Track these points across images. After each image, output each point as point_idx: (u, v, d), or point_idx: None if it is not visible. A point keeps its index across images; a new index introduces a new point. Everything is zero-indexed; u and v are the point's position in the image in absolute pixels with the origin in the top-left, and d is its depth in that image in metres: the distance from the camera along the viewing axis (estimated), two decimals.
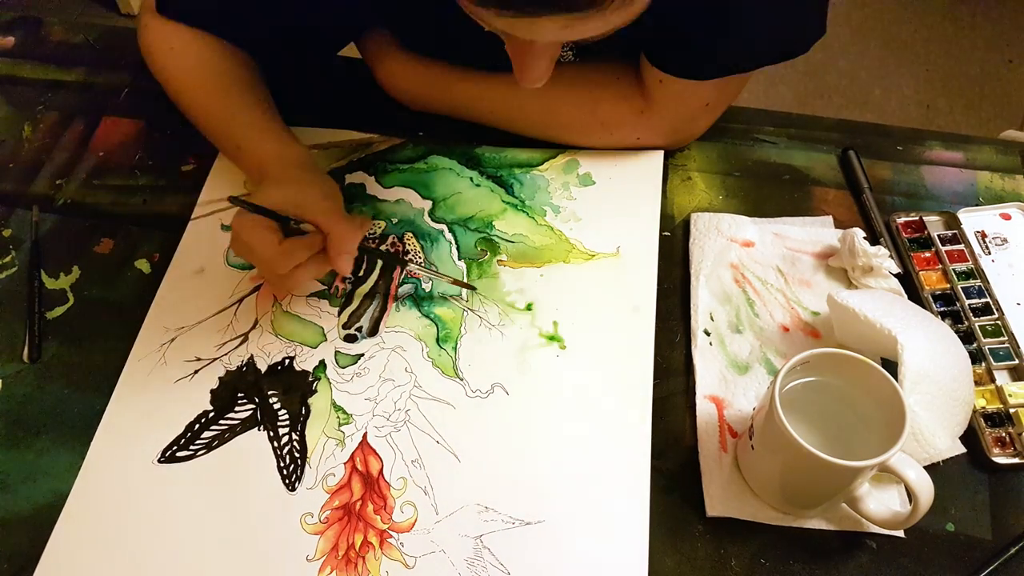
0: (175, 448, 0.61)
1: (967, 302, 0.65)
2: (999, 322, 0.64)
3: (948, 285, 0.66)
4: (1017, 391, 0.61)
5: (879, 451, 0.49)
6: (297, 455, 0.60)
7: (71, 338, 0.67)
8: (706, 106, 0.71)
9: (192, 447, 0.61)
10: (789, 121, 0.78)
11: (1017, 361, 0.63)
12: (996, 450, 0.59)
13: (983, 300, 0.65)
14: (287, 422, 0.62)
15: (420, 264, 0.69)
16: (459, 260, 0.69)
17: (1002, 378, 0.62)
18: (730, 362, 0.64)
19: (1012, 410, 0.60)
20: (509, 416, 0.62)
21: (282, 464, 0.60)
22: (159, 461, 0.60)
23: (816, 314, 0.66)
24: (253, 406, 0.63)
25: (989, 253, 0.68)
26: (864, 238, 0.65)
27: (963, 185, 0.74)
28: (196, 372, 0.64)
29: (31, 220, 0.73)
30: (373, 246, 0.70)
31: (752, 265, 0.68)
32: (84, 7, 1.92)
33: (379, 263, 0.69)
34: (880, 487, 0.58)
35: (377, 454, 0.60)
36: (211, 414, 0.62)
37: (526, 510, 0.58)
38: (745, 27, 0.64)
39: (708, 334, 0.65)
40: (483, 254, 0.70)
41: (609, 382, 0.63)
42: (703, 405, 0.62)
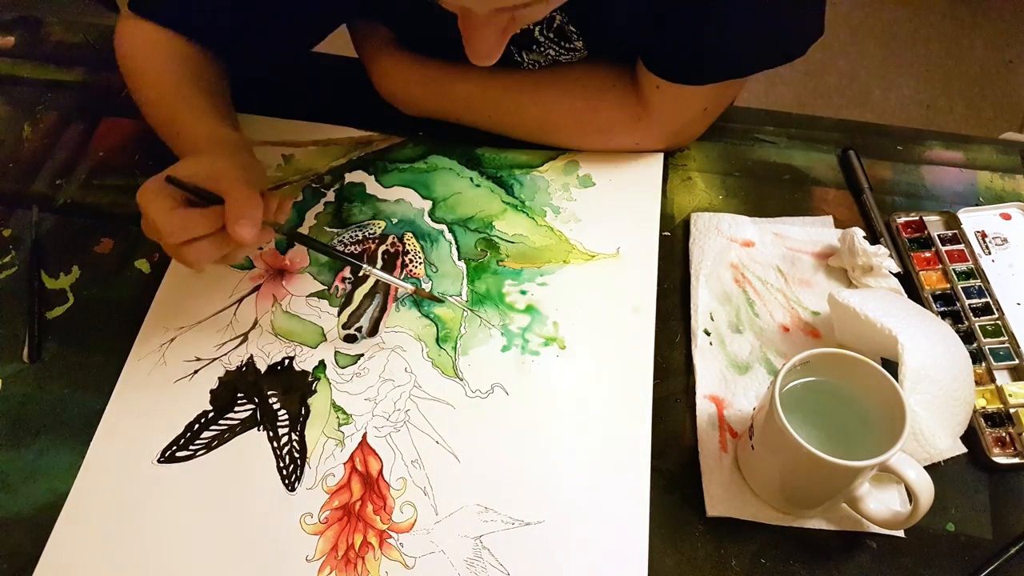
0: (175, 448, 0.61)
1: (967, 302, 0.65)
2: (999, 322, 0.64)
3: (948, 285, 0.66)
4: (1017, 391, 0.61)
5: (879, 451, 0.49)
6: (297, 455, 0.60)
7: (71, 338, 0.67)
8: (704, 110, 0.71)
9: (192, 447, 0.61)
10: (789, 121, 0.78)
11: (1017, 361, 0.63)
12: (996, 450, 0.59)
13: (983, 300, 0.65)
14: (287, 422, 0.62)
15: (414, 265, 0.68)
16: (459, 260, 0.69)
17: (1002, 378, 0.62)
18: (730, 362, 0.64)
19: (1012, 410, 0.60)
20: (509, 416, 0.62)
21: (282, 464, 0.60)
22: (159, 461, 0.60)
23: (816, 314, 0.66)
24: (253, 406, 0.63)
25: (989, 253, 0.68)
26: (864, 237, 0.65)
27: (963, 185, 0.74)
28: (196, 372, 0.64)
29: (31, 220, 0.73)
30: (373, 246, 0.70)
31: (752, 265, 0.68)
32: (84, 7, 1.92)
33: (380, 263, 0.69)
34: (880, 487, 0.58)
35: (377, 454, 0.60)
36: (211, 414, 0.62)
37: (526, 510, 0.58)
38: (742, 31, 0.64)
39: (708, 334, 0.65)
40: (483, 254, 0.70)
41: (609, 382, 0.63)
42: (703, 405, 0.62)
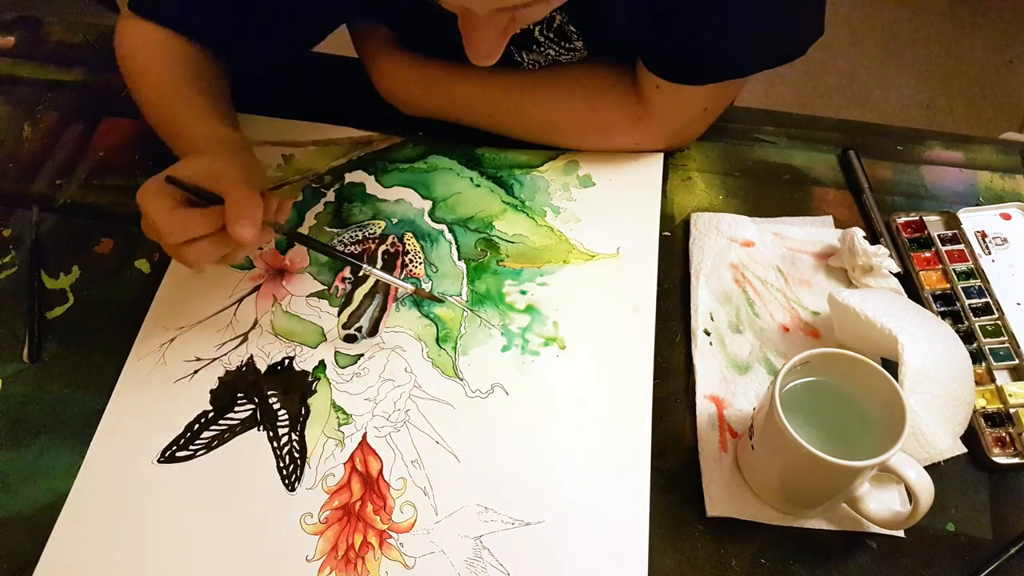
0: (175, 448, 0.61)
1: (967, 302, 0.65)
2: (999, 322, 0.64)
3: (948, 285, 0.66)
4: (1017, 391, 0.61)
5: (879, 451, 0.49)
6: (297, 455, 0.60)
7: (71, 338, 0.67)
8: (704, 110, 0.71)
9: (192, 447, 0.61)
10: (789, 121, 0.78)
11: (1017, 361, 0.63)
12: (996, 450, 0.59)
13: (983, 300, 0.65)
14: (287, 422, 0.62)
15: (414, 265, 0.68)
16: (459, 260, 0.69)
17: (1002, 378, 0.62)
18: (730, 362, 0.64)
19: (1012, 410, 0.60)
20: (509, 416, 0.62)
21: (282, 464, 0.60)
22: (159, 461, 0.60)
23: (816, 314, 0.66)
24: (253, 406, 0.63)
25: (989, 253, 0.68)
26: (864, 237, 0.65)
27: (963, 185, 0.74)
28: (196, 372, 0.64)
29: (31, 220, 0.73)
30: (373, 246, 0.70)
31: (752, 265, 0.68)
32: (84, 7, 1.92)
33: (380, 263, 0.69)
34: (880, 487, 0.58)
35: (377, 454, 0.60)
36: (211, 414, 0.62)
37: (526, 510, 0.58)
38: (742, 31, 0.64)
39: (708, 334, 0.65)
40: (483, 254, 0.70)
41: (609, 382, 0.63)
42: (703, 405, 0.62)
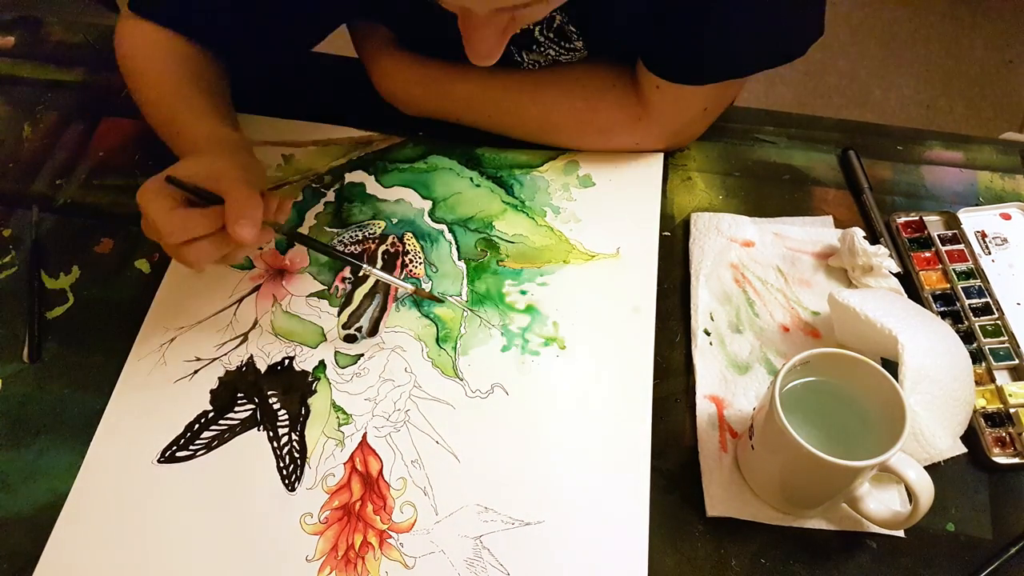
0: (175, 448, 0.61)
1: (967, 302, 0.65)
2: (999, 322, 0.64)
3: (948, 285, 0.66)
4: (1017, 391, 0.61)
5: (879, 451, 0.49)
6: (297, 455, 0.60)
7: (71, 338, 0.67)
8: (704, 110, 0.71)
9: (192, 447, 0.61)
10: (789, 121, 0.78)
11: (1017, 361, 0.63)
12: (996, 450, 0.59)
13: (983, 300, 0.65)
14: (287, 422, 0.62)
15: (414, 265, 0.68)
16: (459, 260, 0.69)
17: (1002, 378, 0.62)
18: (730, 362, 0.64)
19: (1012, 410, 0.60)
20: (509, 416, 0.62)
21: (282, 464, 0.60)
22: (159, 461, 0.60)
23: (816, 314, 0.66)
24: (253, 406, 0.63)
25: (989, 253, 0.68)
26: (864, 237, 0.65)
27: (963, 185, 0.74)
28: (196, 372, 0.64)
29: (31, 220, 0.73)
30: (374, 246, 0.70)
31: (752, 265, 0.68)
32: (84, 7, 1.92)
33: (380, 263, 0.69)
34: (880, 487, 0.58)
35: (377, 454, 0.60)
36: (211, 414, 0.62)
37: (526, 510, 0.58)
38: (742, 31, 0.64)
39: (708, 334, 0.65)
40: (483, 254, 0.70)
41: (609, 382, 0.63)
42: (703, 405, 0.62)
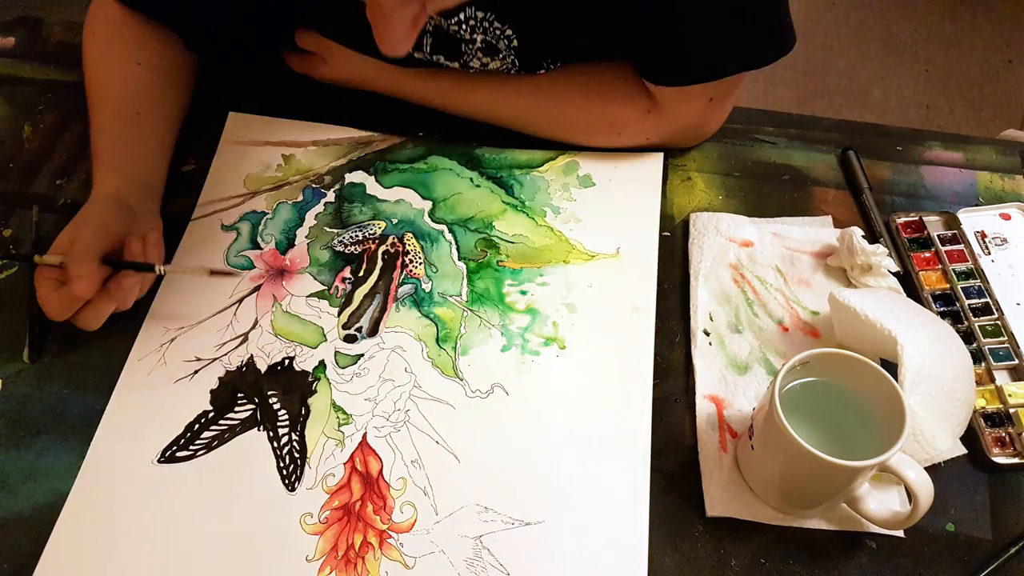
0: (175, 448, 0.61)
1: (967, 302, 0.65)
2: (999, 322, 0.64)
3: (948, 285, 0.66)
4: (1017, 391, 0.61)
5: (879, 451, 0.49)
6: (297, 455, 0.60)
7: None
8: (710, 101, 0.71)
9: (192, 447, 0.61)
10: (789, 121, 0.78)
11: (1017, 361, 0.63)
12: (996, 450, 0.59)
13: (983, 300, 0.65)
14: (287, 422, 0.62)
15: (414, 265, 0.69)
16: (459, 260, 0.69)
17: (1002, 378, 0.62)
18: (730, 362, 0.64)
19: (1012, 410, 0.60)
20: (509, 416, 0.62)
21: (282, 464, 0.60)
22: (159, 461, 0.60)
23: (816, 314, 0.66)
24: (253, 406, 0.63)
25: (989, 253, 0.68)
26: (863, 236, 0.65)
27: (963, 185, 0.74)
28: (196, 372, 0.64)
29: (31, 220, 0.73)
30: (374, 246, 0.70)
31: (751, 265, 0.68)
32: (84, 7, 1.92)
33: (380, 264, 0.69)
34: (880, 487, 0.58)
35: (377, 454, 0.60)
36: (211, 414, 0.62)
37: (526, 510, 0.58)
38: (722, 29, 0.65)
39: (708, 334, 0.65)
40: (483, 254, 0.70)
41: (609, 382, 0.63)
42: (703, 405, 0.62)
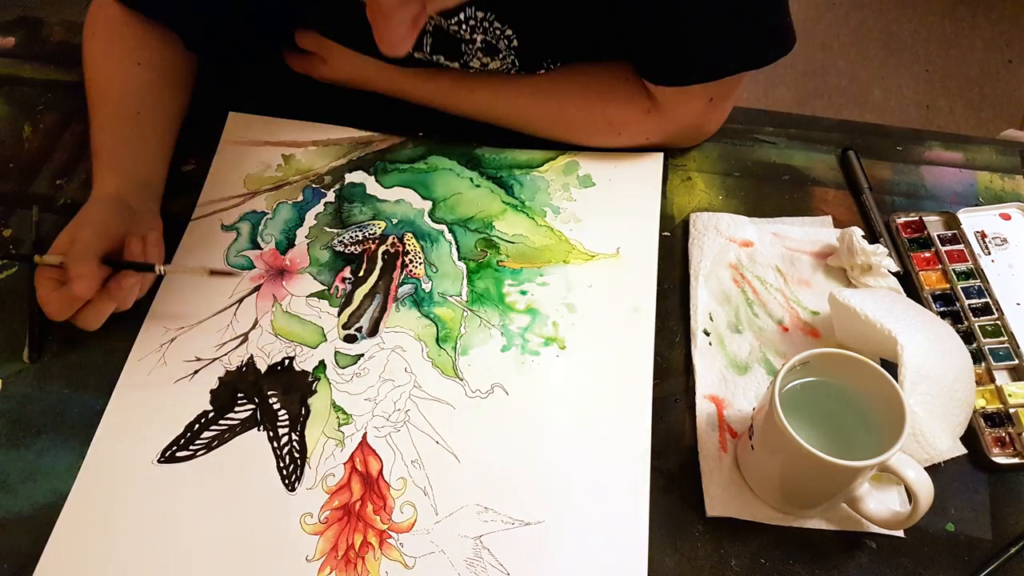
0: (175, 448, 0.61)
1: (967, 302, 0.65)
2: (999, 322, 0.64)
3: (948, 285, 0.66)
4: (1017, 391, 0.61)
5: (879, 451, 0.49)
6: (297, 455, 0.60)
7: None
8: (710, 101, 0.71)
9: (192, 447, 0.61)
10: (789, 121, 0.78)
11: (1017, 361, 0.63)
12: (996, 450, 0.59)
13: (983, 300, 0.65)
14: (287, 422, 0.62)
15: (414, 265, 0.69)
16: (459, 260, 0.69)
17: (1002, 378, 0.62)
18: (730, 362, 0.64)
19: (1012, 410, 0.60)
20: (509, 416, 0.62)
21: (282, 464, 0.60)
22: (159, 461, 0.60)
23: (816, 314, 0.66)
24: (253, 406, 0.63)
25: (989, 253, 0.68)
26: (862, 236, 0.65)
27: (963, 185, 0.74)
28: (196, 372, 0.64)
29: (31, 220, 0.73)
30: (374, 246, 0.70)
31: (751, 265, 0.68)
32: (84, 7, 1.92)
33: (379, 264, 0.69)
34: (880, 487, 0.58)
35: (377, 454, 0.60)
36: (211, 414, 0.62)
37: (526, 510, 0.58)
38: (721, 29, 0.65)
39: (708, 334, 0.65)
40: (483, 254, 0.70)
41: (609, 382, 0.63)
42: (703, 405, 0.62)
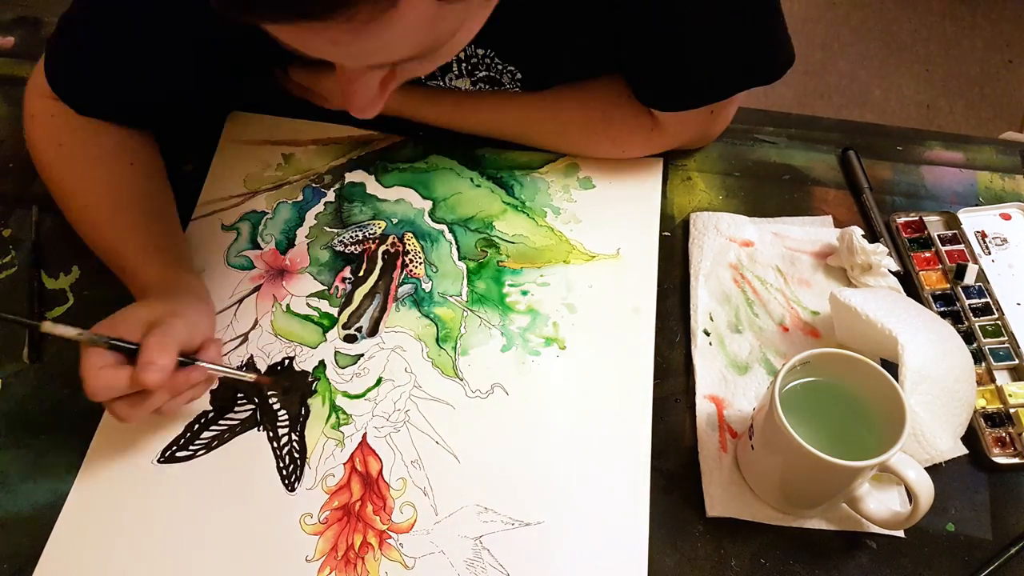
0: (175, 448, 0.61)
1: (967, 302, 0.65)
2: (999, 322, 0.64)
3: (948, 285, 0.66)
4: (1017, 391, 0.61)
5: (879, 451, 0.49)
6: (296, 455, 0.60)
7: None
8: (711, 113, 0.71)
9: (192, 447, 0.61)
10: (789, 121, 0.78)
11: (1017, 361, 0.63)
12: (996, 450, 0.59)
13: (983, 300, 0.65)
14: (287, 422, 0.62)
15: (414, 265, 0.69)
16: (459, 260, 0.69)
17: (1002, 378, 0.62)
18: (730, 362, 0.64)
19: (1012, 410, 0.60)
20: (509, 416, 0.62)
21: (282, 464, 0.60)
22: (159, 461, 0.60)
23: (816, 314, 0.66)
24: (253, 406, 0.63)
25: (989, 253, 0.68)
26: (862, 236, 0.65)
27: (963, 185, 0.74)
28: None
29: (31, 220, 0.73)
30: (374, 246, 0.70)
31: (751, 265, 0.68)
32: None
33: (380, 263, 0.69)
34: (880, 487, 0.58)
35: (376, 455, 0.60)
36: (211, 414, 0.62)
37: (525, 511, 0.58)
38: (717, 55, 0.65)
39: (708, 334, 0.65)
40: (483, 254, 0.70)
41: (609, 382, 0.63)
42: (703, 405, 0.62)
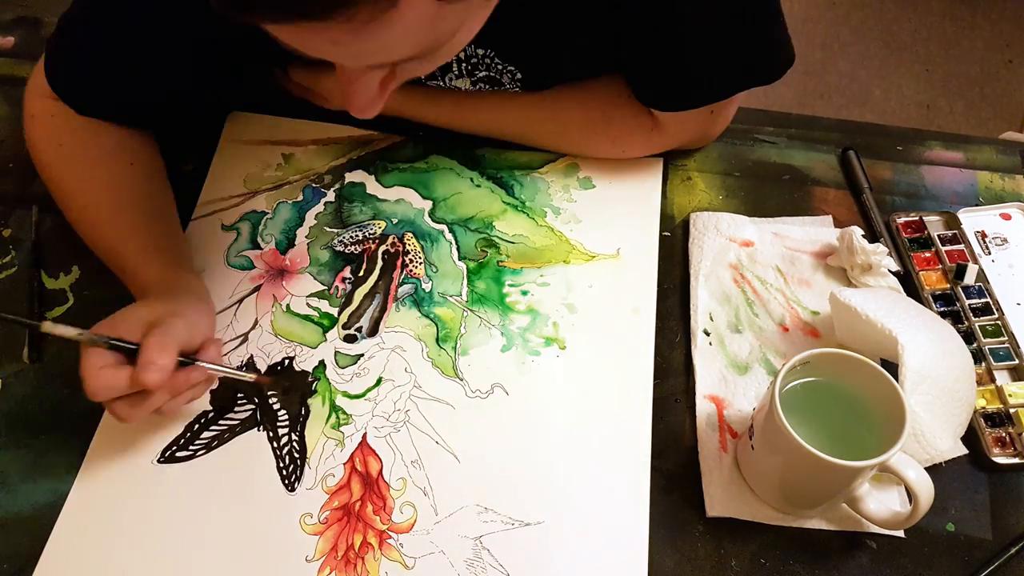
0: (175, 448, 0.61)
1: (967, 302, 0.65)
2: (999, 322, 0.64)
3: (948, 285, 0.66)
4: (1017, 391, 0.61)
5: (879, 451, 0.49)
6: (296, 455, 0.60)
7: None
8: (711, 113, 0.71)
9: (192, 447, 0.61)
10: (789, 121, 0.78)
11: (1017, 361, 0.63)
12: (996, 450, 0.59)
13: (983, 300, 0.65)
14: (287, 422, 0.62)
15: (414, 265, 0.69)
16: (459, 260, 0.69)
17: (1002, 378, 0.62)
18: (730, 362, 0.64)
19: (1012, 410, 0.60)
20: (509, 416, 0.62)
21: (281, 464, 0.60)
22: (159, 461, 0.60)
23: (816, 313, 0.66)
24: (253, 406, 0.63)
25: (989, 253, 0.68)
26: (862, 236, 0.65)
27: (963, 185, 0.74)
28: None
29: (31, 220, 0.73)
30: (374, 246, 0.70)
31: (751, 265, 0.68)
32: None
33: (379, 263, 0.69)
34: (880, 487, 0.58)
35: (376, 455, 0.60)
36: (211, 414, 0.62)
37: (525, 511, 0.58)
38: (717, 55, 0.64)
39: (708, 334, 0.65)
40: (483, 254, 0.70)
41: (609, 382, 0.63)
42: (703, 405, 0.62)
